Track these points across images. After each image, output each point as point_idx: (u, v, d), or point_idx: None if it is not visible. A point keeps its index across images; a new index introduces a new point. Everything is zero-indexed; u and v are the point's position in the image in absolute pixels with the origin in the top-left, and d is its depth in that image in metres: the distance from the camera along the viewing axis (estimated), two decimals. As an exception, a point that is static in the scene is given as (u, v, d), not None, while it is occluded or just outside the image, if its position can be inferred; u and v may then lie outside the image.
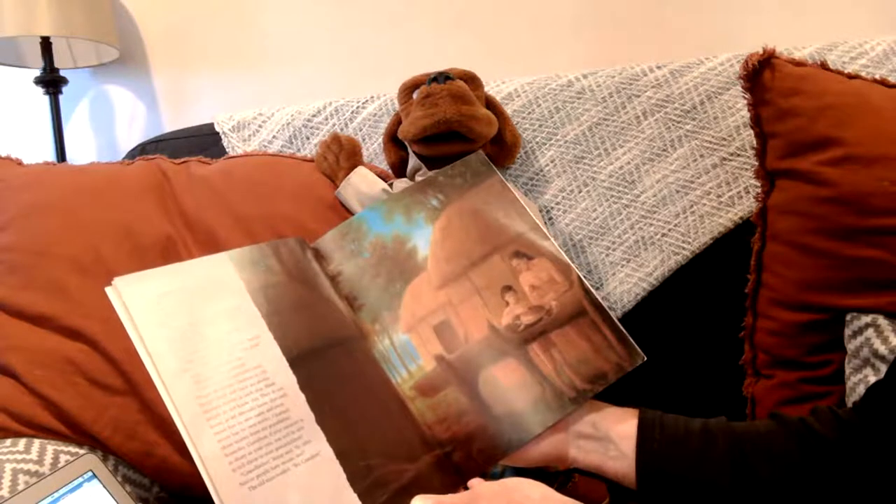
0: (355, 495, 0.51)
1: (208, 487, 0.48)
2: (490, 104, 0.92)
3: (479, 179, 0.67)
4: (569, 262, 0.63)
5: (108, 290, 0.53)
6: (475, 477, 0.55)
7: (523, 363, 0.59)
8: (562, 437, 0.59)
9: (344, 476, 0.52)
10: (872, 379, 0.71)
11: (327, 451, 0.52)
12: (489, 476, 0.57)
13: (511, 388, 0.59)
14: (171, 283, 0.55)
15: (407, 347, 0.60)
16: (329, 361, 0.57)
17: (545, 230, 0.64)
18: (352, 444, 0.53)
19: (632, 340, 0.60)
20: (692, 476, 0.54)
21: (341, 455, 0.52)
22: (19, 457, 0.71)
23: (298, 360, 0.55)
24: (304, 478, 0.50)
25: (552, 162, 0.99)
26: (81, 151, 1.49)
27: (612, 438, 0.57)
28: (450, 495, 0.51)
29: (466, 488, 0.54)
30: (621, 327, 0.61)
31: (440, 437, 0.58)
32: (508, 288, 0.62)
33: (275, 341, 0.55)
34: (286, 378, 0.54)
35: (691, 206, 0.96)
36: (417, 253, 0.64)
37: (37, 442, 0.74)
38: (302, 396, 0.54)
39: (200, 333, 0.53)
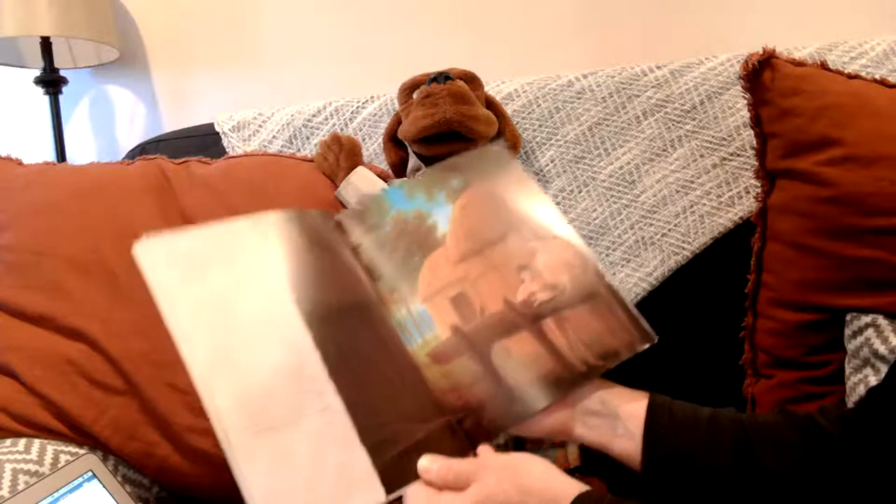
0: (364, 449, 0.52)
1: (219, 437, 0.49)
2: (490, 104, 0.92)
3: (500, 166, 0.68)
4: (584, 247, 0.63)
5: (135, 247, 0.54)
6: (484, 444, 0.56)
7: (537, 337, 0.60)
8: (570, 411, 0.59)
9: (354, 430, 0.52)
10: (872, 379, 0.71)
11: (339, 406, 0.53)
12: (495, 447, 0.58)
13: (524, 360, 0.59)
14: (194, 243, 0.56)
15: (423, 317, 0.61)
16: (345, 323, 0.58)
17: (561, 217, 0.65)
18: (363, 401, 0.54)
19: (644, 322, 0.61)
20: (698, 462, 0.55)
21: (352, 409, 0.53)
22: (19, 457, 0.71)
23: (315, 320, 0.56)
24: (314, 430, 0.51)
25: (552, 162, 1.00)
26: (81, 151, 1.48)
27: (620, 417, 0.57)
28: (458, 460, 0.52)
29: (475, 455, 0.55)
30: (634, 309, 0.61)
31: (452, 405, 0.58)
32: (524, 267, 0.62)
33: (292, 300, 0.56)
34: (302, 335, 0.54)
35: (691, 206, 0.96)
36: (437, 229, 0.64)
37: (37, 442, 0.74)
38: (317, 353, 0.54)
39: (220, 291, 0.54)
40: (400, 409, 0.55)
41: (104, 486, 0.62)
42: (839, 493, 0.52)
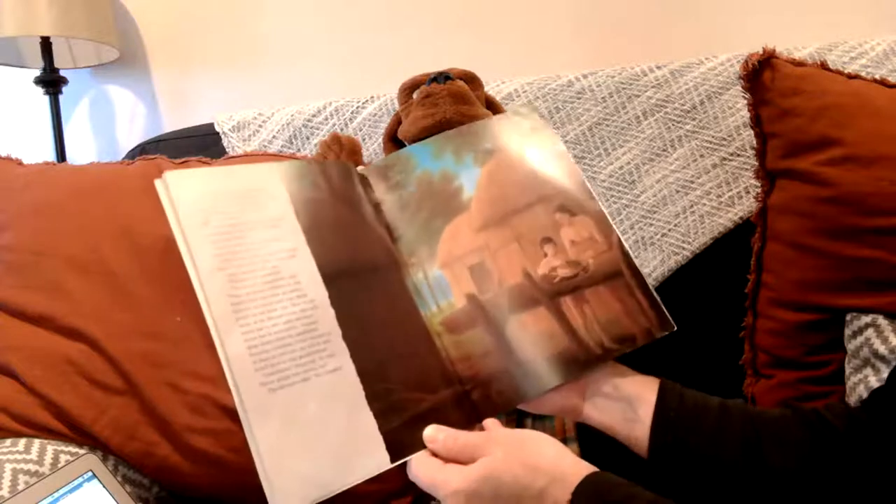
0: (371, 414, 0.52)
1: (230, 385, 0.49)
2: (490, 104, 0.92)
3: (533, 129, 0.66)
4: (611, 223, 0.62)
5: (156, 182, 0.54)
6: (490, 417, 0.55)
7: (554, 314, 0.59)
8: (581, 392, 0.59)
9: (363, 393, 0.52)
10: (872, 379, 0.71)
11: (350, 367, 0.52)
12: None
13: (538, 337, 0.58)
14: (220, 184, 0.56)
15: (440, 283, 0.60)
16: (362, 283, 0.57)
17: (592, 190, 0.64)
18: (374, 365, 0.54)
19: (664, 309, 0.60)
20: (704, 450, 0.55)
21: (363, 373, 0.53)
22: (19, 457, 0.71)
23: (332, 277, 0.55)
24: (324, 389, 0.51)
25: (552, 162, 0.99)
26: (81, 151, 1.48)
27: (630, 401, 0.57)
28: (464, 432, 0.51)
29: (481, 428, 0.55)
30: (655, 295, 0.60)
31: (462, 375, 0.57)
32: (548, 239, 0.61)
33: (311, 255, 0.55)
34: (318, 292, 0.54)
35: (691, 206, 0.96)
36: (462, 193, 0.63)
37: (37, 442, 0.74)
38: (331, 311, 0.54)
39: (241, 236, 0.54)
40: (409, 375, 0.55)
41: (104, 486, 0.62)
42: (843, 490, 0.52)
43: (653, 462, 0.56)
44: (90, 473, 0.62)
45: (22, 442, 0.73)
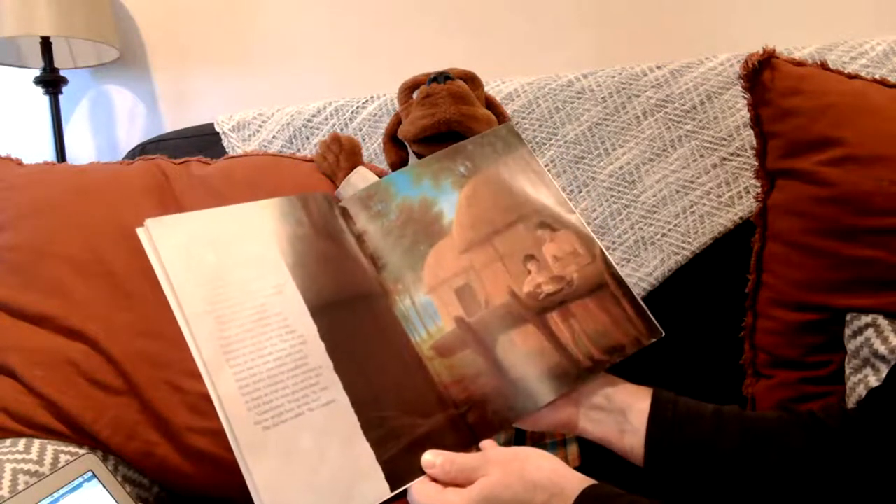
0: (367, 444, 0.52)
1: (224, 425, 0.49)
2: (490, 104, 0.92)
3: (508, 149, 0.67)
4: (592, 236, 0.63)
5: (139, 230, 0.55)
6: (488, 438, 0.56)
7: (542, 330, 0.60)
8: (574, 406, 0.59)
9: (358, 424, 0.52)
10: (872, 379, 0.71)
11: (343, 399, 0.53)
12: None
13: (528, 354, 0.59)
14: (201, 227, 0.57)
15: (428, 308, 0.61)
16: (350, 314, 0.58)
17: (570, 204, 0.65)
18: (368, 394, 0.54)
19: (651, 316, 0.61)
20: (701, 455, 0.55)
21: (356, 404, 0.53)
22: (19, 457, 0.71)
23: (320, 311, 0.56)
24: (319, 422, 0.51)
25: (552, 162, 1.00)
26: (81, 151, 1.48)
27: (624, 412, 0.57)
28: (462, 454, 0.52)
29: (478, 449, 0.55)
30: (641, 303, 0.61)
31: (456, 398, 0.58)
32: (531, 257, 0.62)
33: (298, 291, 0.56)
34: (307, 326, 0.55)
35: (691, 206, 0.96)
36: (443, 217, 0.64)
37: (37, 442, 0.74)
38: (321, 345, 0.54)
39: (226, 277, 0.54)
40: (404, 402, 0.55)
41: (104, 486, 0.61)
42: (841, 491, 0.52)
43: (649, 470, 0.56)
44: (90, 473, 0.62)
45: (22, 442, 0.73)
